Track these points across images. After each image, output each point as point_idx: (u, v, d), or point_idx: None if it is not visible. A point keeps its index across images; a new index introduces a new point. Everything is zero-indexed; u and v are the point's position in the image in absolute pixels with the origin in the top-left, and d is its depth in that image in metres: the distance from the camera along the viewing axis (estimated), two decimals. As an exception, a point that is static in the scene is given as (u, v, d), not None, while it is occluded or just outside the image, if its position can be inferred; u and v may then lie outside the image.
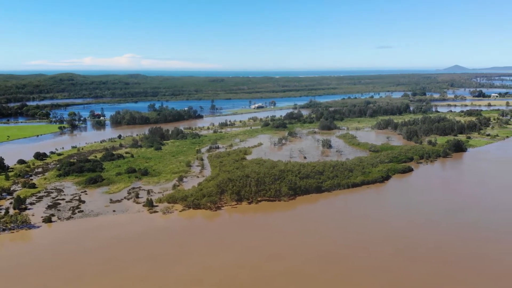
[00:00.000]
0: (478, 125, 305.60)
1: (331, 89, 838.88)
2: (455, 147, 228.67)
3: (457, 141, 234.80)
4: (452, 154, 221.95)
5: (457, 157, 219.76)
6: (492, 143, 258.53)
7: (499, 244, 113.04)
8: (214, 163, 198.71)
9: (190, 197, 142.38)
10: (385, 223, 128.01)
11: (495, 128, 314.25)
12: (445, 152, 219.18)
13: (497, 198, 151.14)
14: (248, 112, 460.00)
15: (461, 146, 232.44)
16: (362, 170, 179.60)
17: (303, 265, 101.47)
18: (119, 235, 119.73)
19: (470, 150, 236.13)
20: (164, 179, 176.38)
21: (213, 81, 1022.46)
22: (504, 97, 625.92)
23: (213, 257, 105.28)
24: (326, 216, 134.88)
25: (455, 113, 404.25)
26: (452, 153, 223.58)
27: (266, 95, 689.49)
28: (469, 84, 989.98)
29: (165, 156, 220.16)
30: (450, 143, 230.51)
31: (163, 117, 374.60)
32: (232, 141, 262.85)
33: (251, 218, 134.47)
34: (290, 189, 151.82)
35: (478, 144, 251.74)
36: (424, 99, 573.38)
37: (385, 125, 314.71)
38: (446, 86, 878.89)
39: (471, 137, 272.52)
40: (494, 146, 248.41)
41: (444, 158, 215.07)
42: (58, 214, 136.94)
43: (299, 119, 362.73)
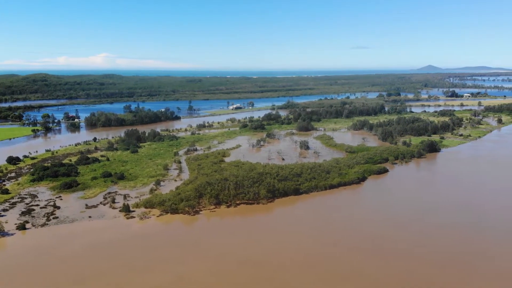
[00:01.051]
0: (451, 126, 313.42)
1: (308, 89, 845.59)
2: (429, 147, 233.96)
3: (431, 142, 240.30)
4: (426, 155, 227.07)
5: (431, 157, 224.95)
6: (464, 143, 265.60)
7: (472, 243, 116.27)
8: (192, 166, 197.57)
9: (168, 201, 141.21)
10: (361, 225, 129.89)
11: (468, 128, 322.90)
12: (419, 153, 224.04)
13: (469, 198, 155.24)
14: (226, 113, 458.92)
15: (435, 146, 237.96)
16: (339, 171, 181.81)
17: (277, 270, 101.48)
18: (95, 242, 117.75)
19: (443, 150, 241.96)
20: (141, 183, 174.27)
21: (190, 81, 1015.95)
22: (476, 97, 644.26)
23: (188, 265, 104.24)
24: (303, 219, 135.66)
25: (429, 113, 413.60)
26: (426, 153, 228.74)
27: (244, 96, 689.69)
28: (442, 84, 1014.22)
29: (141, 159, 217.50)
30: (424, 144, 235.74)
31: (139, 119, 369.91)
32: (210, 143, 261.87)
33: (229, 223, 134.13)
34: (268, 191, 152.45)
35: (451, 145, 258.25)
36: (398, 100, 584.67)
37: (361, 126, 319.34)
38: (420, 86, 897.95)
39: (445, 137, 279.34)
40: (467, 146, 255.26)
41: (418, 159, 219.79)
42: (33, 221, 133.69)
43: (277, 120, 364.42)
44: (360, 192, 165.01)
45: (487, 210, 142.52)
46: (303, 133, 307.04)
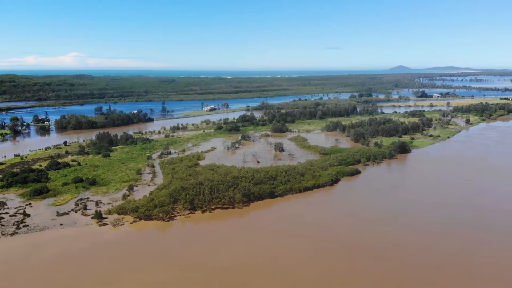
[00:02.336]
0: (421, 126, 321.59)
1: (283, 90, 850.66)
2: (399, 148, 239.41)
3: (402, 143, 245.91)
4: (397, 156, 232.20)
5: (402, 158, 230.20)
6: (434, 143, 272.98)
7: (446, 242, 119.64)
8: (166, 170, 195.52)
9: (141, 208, 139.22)
10: (333, 228, 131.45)
11: (437, 128, 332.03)
12: (390, 154, 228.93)
13: (438, 199, 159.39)
14: (200, 114, 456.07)
15: (405, 147, 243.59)
16: (313, 174, 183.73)
17: (250, 277, 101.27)
18: (66, 251, 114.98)
19: (414, 151, 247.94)
20: (113, 189, 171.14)
21: (163, 82, 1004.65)
22: (445, 97, 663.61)
23: (158, 275, 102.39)
24: (277, 224, 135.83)
25: (400, 114, 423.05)
26: (397, 154, 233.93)
27: (219, 96, 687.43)
28: (412, 84, 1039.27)
29: (114, 164, 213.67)
30: (395, 145, 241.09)
31: (111, 121, 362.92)
32: (185, 146, 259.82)
33: (203, 229, 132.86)
34: (244, 195, 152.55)
35: (421, 145, 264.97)
36: (370, 100, 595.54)
37: (334, 127, 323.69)
38: (391, 87, 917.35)
39: (415, 138, 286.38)
40: (436, 147, 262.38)
41: (389, 160, 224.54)
42: (2, 230, 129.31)
43: (252, 122, 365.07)
44: (333, 194, 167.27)
45: (456, 209, 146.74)
46: (277, 134, 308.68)
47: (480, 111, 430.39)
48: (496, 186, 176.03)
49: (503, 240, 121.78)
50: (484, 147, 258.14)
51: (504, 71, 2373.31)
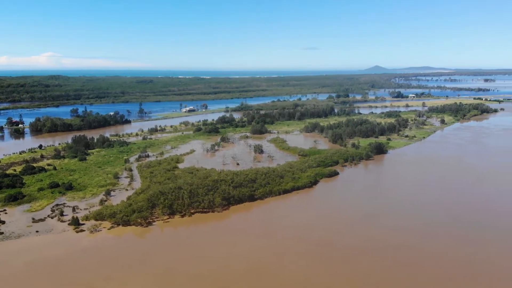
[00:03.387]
0: (397, 127, 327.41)
1: (262, 90, 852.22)
2: (376, 149, 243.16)
3: (378, 144, 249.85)
4: (374, 157, 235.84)
5: (379, 159, 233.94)
6: (410, 144, 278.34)
7: (422, 242, 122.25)
8: (144, 173, 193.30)
9: (119, 213, 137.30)
10: (311, 230, 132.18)
11: (413, 129, 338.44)
12: (367, 155, 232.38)
13: (414, 199, 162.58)
14: (179, 115, 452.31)
15: (382, 148, 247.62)
16: (292, 176, 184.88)
17: (227, 284, 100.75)
18: (41, 259, 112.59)
19: (390, 151, 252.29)
20: (90, 194, 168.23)
21: (141, 82, 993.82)
22: (420, 98, 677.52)
23: (133, 283, 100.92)
24: (257, 226, 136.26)
25: (376, 115, 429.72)
26: (374, 155, 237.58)
27: (198, 97, 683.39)
28: (388, 84, 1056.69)
29: (90, 168, 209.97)
30: (372, 146, 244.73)
31: (87, 124, 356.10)
32: (163, 149, 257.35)
33: (181, 234, 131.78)
34: (223, 199, 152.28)
35: (398, 146, 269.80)
36: (347, 101, 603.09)
37: (312, 128, 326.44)
38: (368, 87, 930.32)
39: (391, 139, 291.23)
40: (412, 148, 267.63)
41: (366, 161, 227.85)
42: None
43: (231, 123, 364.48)
44: (312, 196, 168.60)
45: (433, 210, 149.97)
46: (257, 136, 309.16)
47: (454, 111, 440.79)
48: (470, 186, 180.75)
49: (477, 238, 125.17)
50: (458, 147, 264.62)
51: (477, 71, 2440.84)
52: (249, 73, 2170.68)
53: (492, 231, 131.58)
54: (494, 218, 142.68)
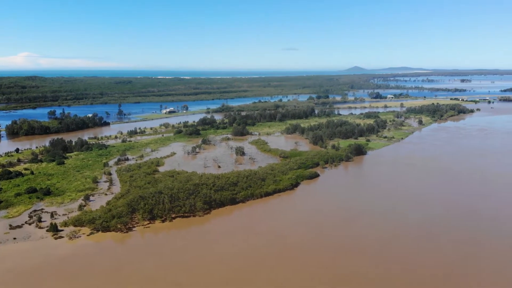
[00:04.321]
0: (376, 128, 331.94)
1: (243, 91, 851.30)
2: (356, 150, 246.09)
3: (358, 145, 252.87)
4: (353, 158, 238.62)
5: (358, 160, 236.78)
6: (388, 145, 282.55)
7: (398, 248, 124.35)
8: (123, 177, 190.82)
9: (99, 219, 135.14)
10: (288, 235, 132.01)
11: (391, 130, 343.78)
12: (347, 156, 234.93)
13: (392, 201, 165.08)
14: (159, 117, 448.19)
15: (361, 149, 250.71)
16: (274, 178, 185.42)
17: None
18: (19, 268, 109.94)
19: (369, 153, 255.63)
20: (68, 199, 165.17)
21: (119, 83, 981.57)
22: (399, 98, 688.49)
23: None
24: (238, 230, 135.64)
25: (355, 116, 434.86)
26: (353, 156, 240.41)
27: (178, 98, 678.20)
28: (367, 85, 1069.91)
29: (69, 172, 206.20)
30: (351, 147, 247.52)
31: (65, 126, 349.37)
32: (143, 151, 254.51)
33: (162, 239, 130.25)
34: (205, 203, 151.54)
35: (376, 147, 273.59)
36: (327, 102, 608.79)
37: (293, 129, 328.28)
38: (347, 88, 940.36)
39: (370, 140, 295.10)
40: (390, 149, 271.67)
41: (346, 162, 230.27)
42: None
43: (212, 125, 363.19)
44: (293, 199, 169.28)
45: (409, 212, 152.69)
46: (238, 138, 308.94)
47: (432, 112, 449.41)
48: (445, 186, 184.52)
49: (451, 237, 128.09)
50: (435, 149, 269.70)
51: (454, 72, 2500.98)
52: (230, 73, 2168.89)
53: (462, 228, 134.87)
54: (463, 216, 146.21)
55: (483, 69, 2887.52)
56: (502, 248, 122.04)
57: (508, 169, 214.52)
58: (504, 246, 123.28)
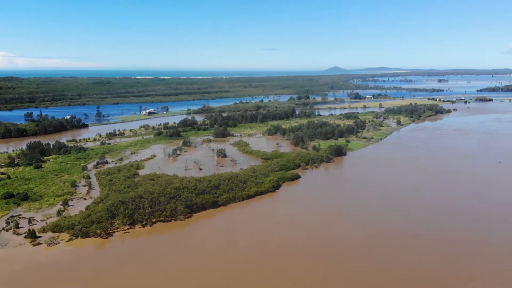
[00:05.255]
0: (355, 129, 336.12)
1: (224, 92, 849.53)
2: (336, 151, 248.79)
3: (338, 146, 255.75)
4: (334, 159, 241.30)
5: (338, 161, 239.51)
6: (368, 145, 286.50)
7: (381, 248, 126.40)
8: (103, 181, 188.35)
9: (78, 225, 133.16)
10: (268, 239, 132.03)
11: (370, 130, 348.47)
12: (327, 157, 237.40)
13: (372, 203, 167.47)
14: (139, 118, 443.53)
15: (341, 150, 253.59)
16: (255, 180, 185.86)
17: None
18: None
19: (349, 153, 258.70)
20: (47, 204, 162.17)
21: (98, 83, 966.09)
22: (378, 99, 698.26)
23: None
24: (219, 235, 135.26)
25: (335, 117, 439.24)
26: (334, 157, 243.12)
27: (158, 99, 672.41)
28: (347, 86, 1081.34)
29: (47, 176, 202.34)
30: (331, 148, 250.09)
31: (42, 128, 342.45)
32: (122, 154, 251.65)
33: (142, 244, 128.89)
34: (186, 207, 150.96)
35: (356, 147, 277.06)
36: (308, 103, 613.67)
37: (275, 131, 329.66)
38: (327, 89, 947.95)
39: (350, 141, 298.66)
40: (369, 149, 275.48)
41: (327, 163, 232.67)
42: None
43: (193, 126, 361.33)
44: (274, 201, 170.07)
45: (390, 211, 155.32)
46: (220, 139, 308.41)
47: (410, 112, 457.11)
48: (423, 186, 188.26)
49: (428, 236, 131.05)
50: (413, 149, 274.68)
51: (431, 72, 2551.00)
52: (211, 74, 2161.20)
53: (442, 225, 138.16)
54: (442, 215, 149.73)
55: (460, 69, 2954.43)
56: (481, 246, 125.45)
57: (484, 169, 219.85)
58: (483, 244, 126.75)
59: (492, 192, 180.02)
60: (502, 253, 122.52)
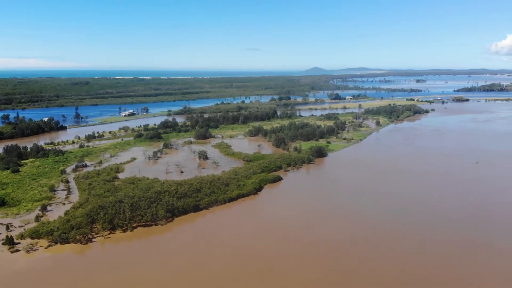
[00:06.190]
0: (336, 130, 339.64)
1: (205, 92, 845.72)
2: (317, 153, 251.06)
3: (319, 148, 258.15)
4: (315, 160, 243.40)
5: (319, 162, 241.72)
6: (348, 146, 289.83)
7: (364, 249, 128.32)
8: (82, 185, 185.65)
9: (57, 231, 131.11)
10: (255, 241, 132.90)
11: (350, 131, 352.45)
12: (309, 159, 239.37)
13: (353, 204, 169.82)
14: (118, 120, 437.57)
15: (322, 152, 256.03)
16: (237, 183, 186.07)
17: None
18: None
19: (330, 155, 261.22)
20: (25, 209, 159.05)
21: (76, 84, 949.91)
22: (357, 99, 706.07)
23: None
24: (200, 239, 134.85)
25: (316, 117, 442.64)
26: (315, 159, 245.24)
27: (138, 100, 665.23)
28: (327, 86, 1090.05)
29: (24, 180, 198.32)
30: (313, 150, 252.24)
31: (19, 131, 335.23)
32: (102, 157, 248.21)
33: (123, 250, 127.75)
34: (167, 211, 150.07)
35: (336, 148, 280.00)
36: (289, 103, 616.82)
37: (256, 132, 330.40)
38: (308, 89, 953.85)
39: (330, 142, 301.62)
40: (350, 150, 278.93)
41: (308, 164, 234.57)
42: None
43: (174, 128, 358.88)
44: (256, 204, 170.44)
45: (371, 212, 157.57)
46: (201, 141, 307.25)
47: (388, 113, 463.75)
48: (403, 188, 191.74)
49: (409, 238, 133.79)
50: (391, 149, 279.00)
51: (409, 72, 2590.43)
52: (192, 73, 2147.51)
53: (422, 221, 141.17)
54: (422, 214, 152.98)
55: (438, 69, 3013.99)
56: (460, 244, 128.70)
57: (461, 169, 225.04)
58: (462, 241, 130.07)
59: (469, 192, 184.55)
60: (482, 253, 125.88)
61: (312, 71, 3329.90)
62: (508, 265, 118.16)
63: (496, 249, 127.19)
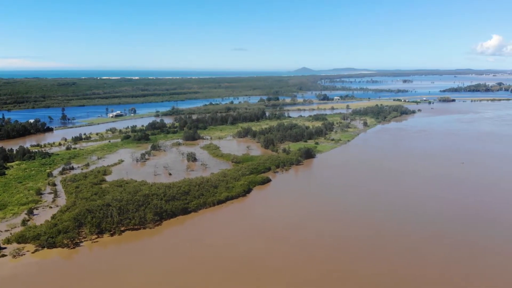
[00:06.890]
0: (324, 130, 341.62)
1: (193, 93, 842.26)
2: (305, 154, 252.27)
3: (307, 149, 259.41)
4: (303, 161, 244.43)
5: (308, 163, 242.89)
6: (336, 147, 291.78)
7: (354, 249, 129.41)
8: (69, 188, 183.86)
9: (44, 235, 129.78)
10: (243, 244, 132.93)
11: (338, 132, 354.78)
12: (297, 160, 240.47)
13: (342, 204, 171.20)
14: (105, 121, 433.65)
15: (310, 153, 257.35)
16: (226, 185, 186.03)
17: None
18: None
19: (318, 156, 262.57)
20: (11, 213, 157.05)
21: (63, 85, 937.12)
22: (345, 100, 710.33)
23: None
24: (188, 242, 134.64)
25: (304, 118, 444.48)
26: (303, 160, 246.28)
27: (125, 101, 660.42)
28: (315, 87, 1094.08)
29: (10, 183, 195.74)
30: (301, 151, 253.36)
31: (5, 133, 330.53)
32: (89, 159, 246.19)
33: (111, 254, 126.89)
34: (155, 214, 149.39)
35: (325, 149, 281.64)
36: (277, 104, 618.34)
37: (245, 133, 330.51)
38: (296, 90, 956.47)
39: (319, 143, 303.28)
40: (338, 151, 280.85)
41: (297, 166, 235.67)
42: None
43: (162, 129, 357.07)
44: (245, 206, 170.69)
45: (359, 213, 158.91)
46: (190, 142, 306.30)
47: (376, 114, 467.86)
48: (391, 187, 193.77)
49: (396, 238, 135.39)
50: (378, 150, 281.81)
51: (396, 72, 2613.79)
52: (180, 73, 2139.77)
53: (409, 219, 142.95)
54: (410, 214, 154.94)
55: (424, 69, 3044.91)
56: (453, 243, 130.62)
57: (447, 170, 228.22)
58: (453, 240, 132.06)
59: (456, 192, 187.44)
60: (473, 252, 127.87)
61: (301, 71, 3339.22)
62: (502, 263, 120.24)
63: (481, 247, 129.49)
